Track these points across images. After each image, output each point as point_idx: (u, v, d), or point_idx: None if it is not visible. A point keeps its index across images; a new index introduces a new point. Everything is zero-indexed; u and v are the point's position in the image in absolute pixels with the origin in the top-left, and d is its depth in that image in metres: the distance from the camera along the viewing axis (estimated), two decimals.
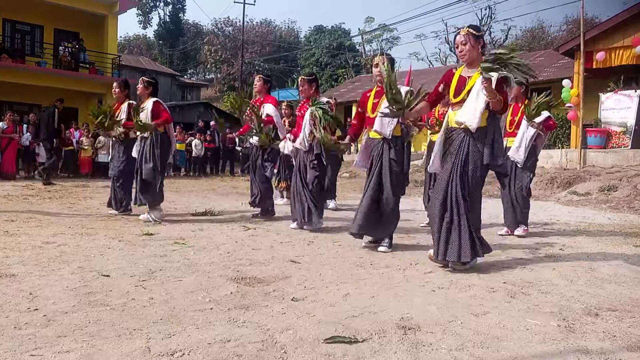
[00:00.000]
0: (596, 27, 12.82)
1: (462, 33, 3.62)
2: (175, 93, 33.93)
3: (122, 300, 2.69)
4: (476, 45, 3.62)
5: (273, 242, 4.61)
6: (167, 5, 49.71)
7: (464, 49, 3.61)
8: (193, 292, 2.87)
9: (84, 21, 19.55)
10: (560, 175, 10.75)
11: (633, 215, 7.28)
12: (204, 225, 5.52)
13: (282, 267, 3.57)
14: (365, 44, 41.34)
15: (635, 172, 9.74)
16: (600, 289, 3.14)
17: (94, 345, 2.06)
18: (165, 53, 48.24)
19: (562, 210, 7.87)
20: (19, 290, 2.81)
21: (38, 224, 5.27)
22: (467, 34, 3.60)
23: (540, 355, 2.09)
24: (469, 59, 3.64)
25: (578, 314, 2.61)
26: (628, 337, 2.31)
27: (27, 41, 19.31)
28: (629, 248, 4.61)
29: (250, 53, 42.50)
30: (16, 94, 17.71)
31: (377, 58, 4.37)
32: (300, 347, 2.09)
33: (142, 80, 6.12)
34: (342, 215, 6.81)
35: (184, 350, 2.02)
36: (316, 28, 43.04)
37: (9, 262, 3.46)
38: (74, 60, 18.80)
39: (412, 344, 2.16)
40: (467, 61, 3.66)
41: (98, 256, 3.78)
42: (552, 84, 16.22)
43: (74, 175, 13.71)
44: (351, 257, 3.98)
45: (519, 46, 36.18)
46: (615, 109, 11.78)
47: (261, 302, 2.72)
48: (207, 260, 3.71)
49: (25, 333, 2.18)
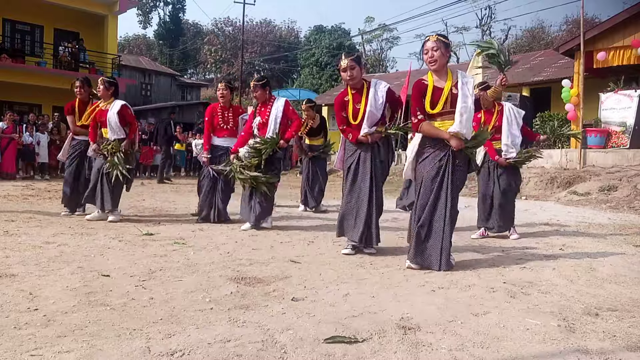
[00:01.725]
0: (596, 27, 12.82)
1: (433, 39, 3.61)
2: (175, 93, 33.93)
3: (122, 300, 2.69)
4: (445, 53, 3.63)
5: (273, 242, 4.61)
6: (167, 5, 49.70)
7: (434, 55, 3.59)
8: (193, 292, 2.87)
9: (84, 21, 19.55)
10: (560, 175, 10.76)
11: (633, 215, 7.29)
12: (204, 225, 5.52)
13: (282, 267, 3.57)
14: (365, 44, 41.36)
15: (635, 172, 9.75)
16: (600, 289, 3.14)
17: (94, 345, 2.06)
18: (165, 53, 48.22)
19: (562, 210, 7.87)
20: (19, 290, 2.81)
21: (38, 224, 5.27)
22: (438, 40, 3.59)
23: (540, 355, 2.09)
24: (439, 65, 3.62)
25: (578, 314, 2.61)
26: (628, 337, 2.31)
27: (27, 41, 19.31)
28: (629, 248, 4.61)
29: (250, 53, 42.50)
30: (16, 94, 17.72)
31: (343, 61, 4.13)
32: (300, 347, 2.09)
33: (102, 81, 5.79)
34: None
35: (184, 350, 2.02)
36: (316, 28, 42.99)
37: (9, 262, 3.46)
38: (74, 60, 18.80)
39: (412, 344, 2.16)
40: (436, 68, 3.64)
41: (98, 256, 3.78)
42: (552, 84, 16.28)
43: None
44: (351, 257, 3.98)
45: (519, 46, 36.24)
46: (616, 108, 11.78)
47: (261, 302, 2.71)
48: (207, 260, 3.71)
49: (25, 333, 2.18)
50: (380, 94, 4.19)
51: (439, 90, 3.64)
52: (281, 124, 5.32)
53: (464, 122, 3.54)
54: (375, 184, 4.14)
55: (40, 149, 12.89)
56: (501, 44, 3.82)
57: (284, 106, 5.36)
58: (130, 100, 31.51)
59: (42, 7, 18.06)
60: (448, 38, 3.78)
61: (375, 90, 4.20)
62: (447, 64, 3.68)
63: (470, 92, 3.61)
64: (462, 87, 3.59)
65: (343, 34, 42.34)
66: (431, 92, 3.65)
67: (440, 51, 3.58)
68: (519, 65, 20.38)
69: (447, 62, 3.67)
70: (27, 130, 12.87)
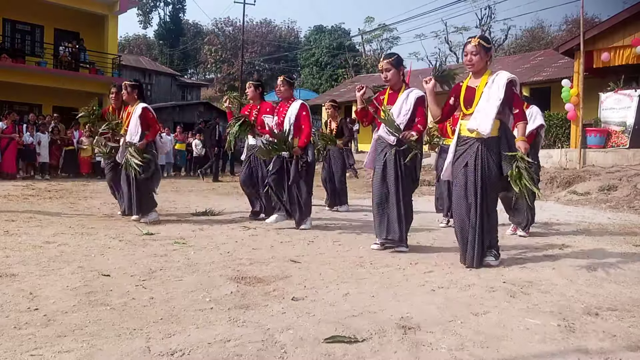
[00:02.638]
0: (596, 27, 12.81)
1: (473, 43, 3.63)
2: (175, 93, 33.95)
3: (122, 300, 2.69)
4: (485, 57, 3.66)
5: (273, 241, 4.61)
6: (167, 5, 49.73)
7: (473, 59, 3.64)
8: (193, 291, 2.87)
9: (84, 21, 19.54)
10: (560, 175, 10.75)
11: (633, 215, 7.28)
12: (204, 225, 5.52)
13: (282, 266, 3.57)
14: (365, 44, 41.33)
15: (635, 172, 9.74)
16: (600, 288, 3.14)
17: (94, 345, 2.06)
18: (166, 53, 48.23)
19: (562, 209, 7.87)
20: (19, 290, 2.81)
21: (38, 223, 5.27)
22: (478, 45, 3.62)
23: (540, 355, 2.09)
24: (476, 69, 3.68)
25: (578, 314, 2.61)
26: (628, 337, 2.31)
27: (27, 41, 19.31)
28: (629, 248, 4.61)
29: (250, 53, 42.49)
30: (16, 94, 17.71)
31: (381, 63, 4.30)
32: (300, 347, 2.09)
33: (124, 85, 5.72)
34: (348, 215, 6.82)
35: (184, 350, 2.02)
36: (316, 28, 43.00)
37: (9, 262, 3.46)
38: (74, 60, 18.80)
39: (412, 343, 2.16)
40: (474, 70, 3.70)
41: (98, 256, 3.78)
42: (552, 84, 16.28)
43: (74, 175, 13.72)
44: (351, 257, 3.98)
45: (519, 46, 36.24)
46: (615, 108, 11.77)
47: (261, 301, 2.72)
48: (207, 260, 3.71)
49: (25, 333, 2.18)
50: (410, 102, 4.24)
51: (472, 90, 3.69)
52: (294, 127, 5.30)
53: (478, 120, 3.57)
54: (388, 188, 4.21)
55: (41, 149, 12.90)
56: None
57: (298, 110, 5.34)
58: None
59: (43, 7, 18.05)
60: (489, 41, 3.80)
61: (407, 96, 4.27)
62: (487, 65, 3.71)
63: (497, 90, 3.58)
64: (490, 85, 3.62)
65: (343, 34, 42.34)
66: (464, 92, 3.72)
67: (480, 55, 3.63)
68: (519, 65, 20.38)
69: (486, 64, 3.70)
70: (28, 130, 12.87)
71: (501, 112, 3.62)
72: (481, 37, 3.71)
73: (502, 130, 3.65)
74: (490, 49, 3.73)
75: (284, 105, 5.43)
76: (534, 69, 18.87)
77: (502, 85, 3.58)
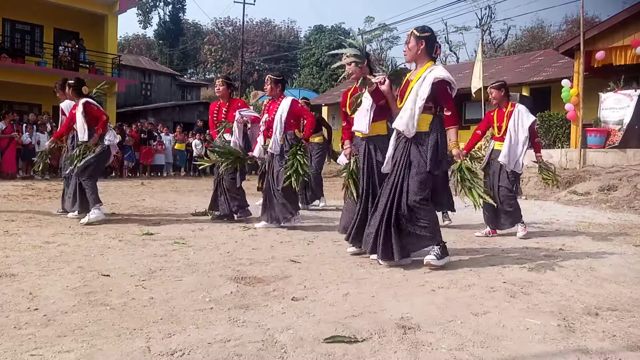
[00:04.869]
0: (596, 27, 12.80)
1: (408, 33, 3.68)
2: (175, 93, 33.93)
3: (122, 300, 2.69)
4: (416, 46, 3.58)
5: (273, 241, 4.61)
6: (167, 5, 49.66)
7: (405, 49, 3.68)
8: (193, 291, 2.87)
9: (84, 21, 19.56)
10: (560, 175, 10.73)
11: (633, 215, 7.28)
12: (204, 225, 5.52)
13: (282, 266, 3.57)
14: (365, 44, 41.26)
15: (635, 172, 9.74)
16: (600, 288, 3.14)
17: (94, 345, 2.06)
18: (165, 53, 48.18)
19: (562, 210, 7.87)
20: (19, 290, 2.81)
21: (38, 223, 5.27)
22: (411, 34, 3.63)
23: (540, 355, 2.09)
24: (409, 59, 3.70)
25: (578, 314, 2.61)
26: (628, 336, 2.31)
27: (27, 41, 19.33)
28: (629, 248, 4.61)
29: (250, 53, 42.48)
30: (16, 94, 17.72)
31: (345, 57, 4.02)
32: (300, 347, 2.09)
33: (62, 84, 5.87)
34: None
35: (184, 350, 2.02)
36: (316, 28, 42.97)
37: (9, 262, 3.46)
38: (74, 60, 18.80)
39: (412, 343, 2.16)
40: (407, 61, 3.73)
41: (98, 256, 3.78)
42: (552, 84, 16.28)
43: None
44: (351, 257, 3.98)
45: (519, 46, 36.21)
46: (615, 108, 11.76)
47: (261, 301, 2.72)
48: (207, 260, 3.71)
49: (25, 333, 2.18)
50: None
51: (407, 84, 3.66)
52: (286, 123, 5.34)
53: (404, 119, 3.52)
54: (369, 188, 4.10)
55: (41, 148, 12.88)
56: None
57: (290, 106, 5.38)
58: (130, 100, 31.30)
59: (42, 6, 18.05)
60: (424, 29, 3.62)
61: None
62: (424, 56, 3.59)
63: (425, 87, 3.48)
64: (421, 83, 3.52)
65: (343, 34, 42.31)
66: (403, 85, 3.70)
67: (410, 45, 3.62)
68: (519, 65, 20.39)
69: (424, 56, 3.59)
70: (27, 130, 12.87)
71: (432, 107, 3.54)
72: (416, 27, 3.64)
73: (433, 125, 3.54)
74: (424, 38, 3.57)
75: (274, 103, 5.48)
76: (534, 69, 18.87)
77: (429, 84, 3.46)
